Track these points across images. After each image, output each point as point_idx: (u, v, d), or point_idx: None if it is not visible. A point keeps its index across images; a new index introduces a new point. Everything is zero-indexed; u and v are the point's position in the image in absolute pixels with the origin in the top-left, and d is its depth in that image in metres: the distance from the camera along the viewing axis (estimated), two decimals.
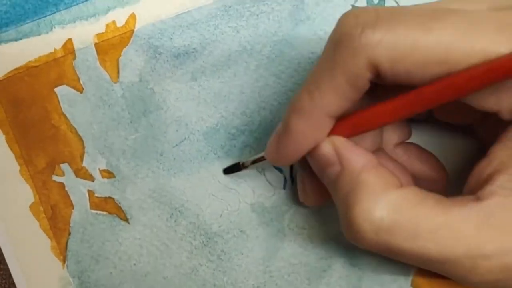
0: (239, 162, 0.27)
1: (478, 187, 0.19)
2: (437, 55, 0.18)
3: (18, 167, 0.29)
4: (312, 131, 0.21)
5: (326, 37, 0.27)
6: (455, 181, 0.25)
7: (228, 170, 0.28)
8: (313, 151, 0.22)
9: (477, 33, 0.18)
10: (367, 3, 0.28)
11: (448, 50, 0.18)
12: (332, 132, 0.21)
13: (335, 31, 0.20)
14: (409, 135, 0.25)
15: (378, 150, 0.24)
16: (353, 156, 0.21)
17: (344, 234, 0.21)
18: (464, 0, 0.20)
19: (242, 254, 0.28)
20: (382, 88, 0.20)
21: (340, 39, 0.19)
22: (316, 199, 0.25)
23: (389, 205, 0.19)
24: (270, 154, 0.23)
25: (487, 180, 0.19)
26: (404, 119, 0.22)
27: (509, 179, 0.19)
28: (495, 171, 0.19)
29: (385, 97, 0.20)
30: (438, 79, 0.18)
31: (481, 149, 0.22)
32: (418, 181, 0.24)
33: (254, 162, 0.26)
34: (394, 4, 0.28)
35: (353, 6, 0.28)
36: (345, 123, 0.21)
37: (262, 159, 0.25)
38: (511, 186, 0.18)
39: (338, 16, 0.27)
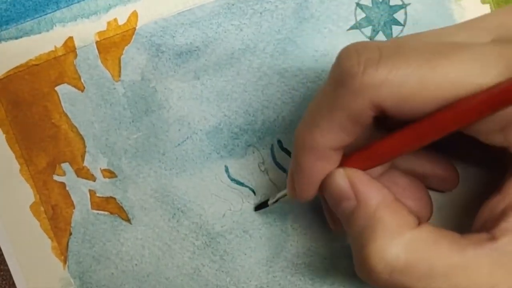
0: (267, 200, 0.27)
1: (491, 223, 0.19)
2: (444, 94, 0.17)
3: (18, 167, 0.29)
4: (320, 165, 0.21)
5: (330, 35, 0.28)
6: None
7: (258, 208, 0.28)
8: (327, 184, 0.21)
9: (485, 70, 0.17)
10: (372, 2, 0.27)
11: (456, 88, 0.17)
12: (346, 164, 0.21)
13: (335, 67, 0.19)
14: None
15: (390, 168, 0.24)
16: (369, 192, 0.20)
17: (357, 271, 0.20)
18: (467, 32, 0.19)
19: (245, 254, 0.28)
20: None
21: (341, 78, 0.19)
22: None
23: (404, 245, 0.19)
24: (290, 193, 0.23)
25: (501, 216, 0.19)
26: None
27: None
28: (508, 207, 0.19)
29: (394, 123, 0.20)
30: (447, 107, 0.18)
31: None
32: (431, 181, 0.24)
33: (280, 198, 0.26)
34: (400, 3, 0.27)
35: (357, 4, 0.27)
36: (360, 156, 0.21)
37: (286, 196, 0.25)
38: None
39: (342, 14, 0.28)
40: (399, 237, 0.19)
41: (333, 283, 0.28)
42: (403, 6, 0.27)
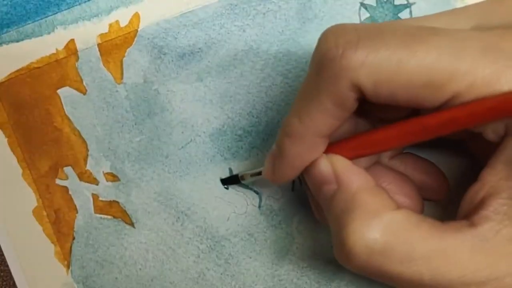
0: (237, 174, 0.27)
1: (471, 211, 0.19)
2: (421, 78, 0.18)
3: (20, 171, 0.29)
4: (306, 152, 0.21)
5: None
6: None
7: (225, 181, 0.28)
8: (310, 169, 0.21)
9: (461, 55, 0.17)
10: (376, 2, 0.27)
11: (432, 73, 0.17)
12: (330, 151, 0.21)
13: (316, 52, 0.19)
14: (403, 146, 0.25)
15: (375, 164, 0.24)
16: (350, 176, 0.20)
17: (336, 256, 0.20)
18: (449, 18, 0.19)
19: (250, 257, 0.28)
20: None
21: (321, 62, 0.19)
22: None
23: (383, 226, 0.18)
24: (267, 174, 0.23)
25: (480, 204, 0.19)
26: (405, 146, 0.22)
27: (501, 203, 0.18)
28: (487, 195, 0.19)
29: (380, 111, 0.20)
30: (424, 102, 0.18)
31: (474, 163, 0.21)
32: (420, 191, 0.23)
33: (252, 175, 0.26)
34: (405, 2, 0.27)
35: (361, 3, 0.27)
36: (346, 145, 0.21)
37: (260, 173, 0.25)
38: (504, 211, 0.18)
39: (346, 14, 0.27)
40: (378, 218, 0.19)
41: (339, 285, 0.27)
42: (408, 5, 0.27)
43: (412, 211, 0.19)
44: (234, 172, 0.28)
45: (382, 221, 0.19)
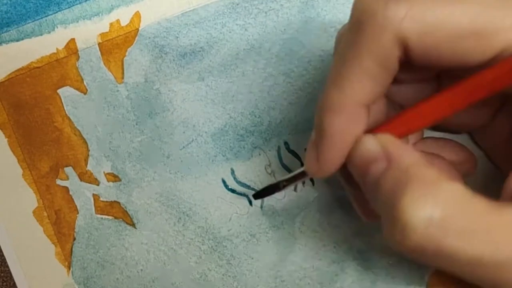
0: (277, 183, 0.24)
1: None
2: (468, 27, 0.17)
3: (21, 171, 0.28)
4: (349, 126, 0.19)
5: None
6: None
7: (259, 195, 0.25)
8: (355, 149, 0.20)
9: (510, 5, 0.17)
10: None
11: (480, 22, 0.17)
12: (377, 131, 0.20)
13: (355, 9, 0.19)
14: (422, 133, 0.24)
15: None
16: (401, 152, 0.19)
17: (386, 236, 0.18)
18: None
19: (252, 258, 0.27)
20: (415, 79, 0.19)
21: (362, 17, 0.18)
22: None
23: (442, 197, 0.17)
24: (310, 166, 0.21)
25: None
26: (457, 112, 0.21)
27: None
28: None
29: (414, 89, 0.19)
30: (471, 56, 0.17)
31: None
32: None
33: (292, 179, 0.23)
34: None
35: None
36: (392, 123, 0.20)
37: (303, 175, 0.23)
38: None
39: (348, 12, 0.27)
40: (436, 188, 0.17)
41: (341, 286, 0.27)
42: None
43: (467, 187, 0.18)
44: (236, 172, 0.28)
45: (441, 192, 0.17)
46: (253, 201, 0.28)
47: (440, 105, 0.19)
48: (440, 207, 0.17)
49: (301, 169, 0.23)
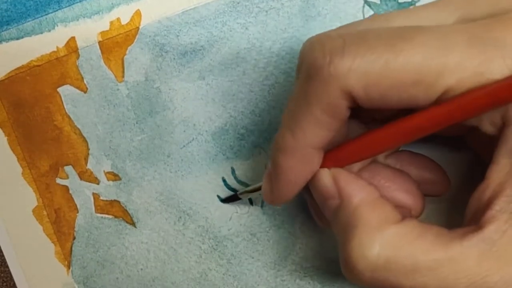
0: (236, 193, 0.26)
1: (479, 213, 0.19)
2: (410, 77, 0.17)
3: (20, 170, 0.28)
4: (302, 166, 0.20)
5: None
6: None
7: (226, 200, 0.27)
8: (313, 182, 0.21)
9: (448, 49, 0.17)
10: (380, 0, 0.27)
11: (421, 71, 0.17)
12: (328, 161, 0.21)
13: (302, 62, 0.19)
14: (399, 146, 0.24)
15: (372, 162, 0.23)
16: (351, 190, 0.20)
17: (343, 271, 0.20)
18: (432, 12, 0.19)
19: (253, 258, 0.27)
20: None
21: (309, 71, 0.19)
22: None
23: (385, 242, 0.18)
24: (266, 196, 0.23)
25: (487, 205, 0.18)
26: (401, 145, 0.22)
27: (507, 200, 0.18)
28: (494, 194, 0.18)
29: (372, 112, 0.20)
30: (416, 100, 0.18)
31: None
32: (422, 187, 0.23)
33: (251, 191, 0.26)
34: (409, 0, 0.27)
35: (365, 1, 0.27)
36: (339, 153, 0.21)
37: (259, 189, 0.24)
38: (510, 209, 0.18)
39: (350, 11, 0.27)
40: (379, 233, 0.18)
41: (342, 286, 0.27)
42: (412, 3, 0.27)
43: (417, 221, 0.19)
44: (236, 171, 0.28)
45: (384, 236, 0.18)
46: (254, 200, 0.27)
47: (382, 140, 0.20)
48: (383, 250, 0.18)
49: (259, 184, 0.24)
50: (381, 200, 0.20)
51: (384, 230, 0.19)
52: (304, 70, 0.19)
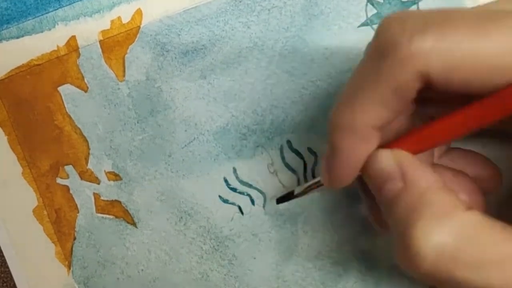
0: (293, 191, 0.25)
1: None
2: (497, 62, 0.16)
3: (20, 169, 0.28)
4: (360, 146, 0.19)
5: (341, 32, 0.27)
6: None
7: (280, 200, 0.26)
8: (371, 164, 0.20)
9: None
10: None
11: (507, 58, 0.16)
12: (393, 146, 0.20)
13: (378, 38, 0.18)
14: (450, 143, 0.24)
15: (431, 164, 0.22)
16: (418, 173, 0.19)
17: (397, 259, 0.18)
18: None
19: (254, 258, 0.27)
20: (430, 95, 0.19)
21: (385, 48, 0.17)
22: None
23: (455, 228, 0.17)
24: (324, 179, 0.21)
25: None
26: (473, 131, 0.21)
27: None
28: None
29: (436, 105, 0.19)
30: (497, 87, 0.17)
31: None
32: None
33: (308, 188, 0.24)
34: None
35: (368, 0, 0.27)
36: (408, 139, 0.20)
37: (318, 184, 0.23)
38: None
39: (352, 10, 0.27)
40: (450, 219, 0.17)
41: (344, 287, 0.27)
42: (415, 1, 0.27)
43: (482, 213, 0.18)
44: (238, 171, 0.27)
45: (454, 223, 0.17)
46: (255, 200, 0.27)
47: (457, 124, 0.19)
48: (452, 238, 0.17)
49: (316, 179, 0.24)
50: (448, 188, 0.19)
51: (455, 216, 0.17)
52: (376, 46, 0.18)
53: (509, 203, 0.21)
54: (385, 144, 0.20)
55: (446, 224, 0.17)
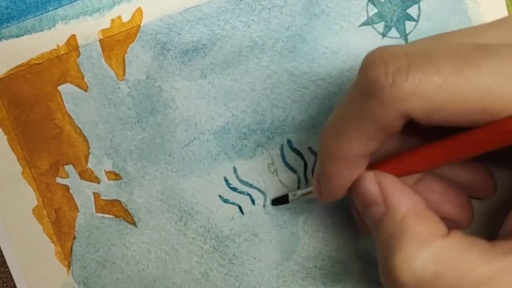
0: (287, 195, 0.26)
1: None
2: (476, 104, 0.17)
3: (20, 169, 0.28)
4: (348, 172, 0.20)
5: (341, 31, 0.27)
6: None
7: (276, 202, 0.27)
8: (356, 187, 0.21)
9: None
10: None
11: (488, 100, 0.17)
12: (378, 169, 0.21)
13: (362, 78, 0.19)
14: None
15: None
16: (398, 198, 0.20)
17: (382, 281, 0.20)
18: (496, 31, 0.19)
19: (255, 258, 0.27)
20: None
21: (369, 89, 0.18)
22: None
23: (432, 255, 0.18)
24: (316, 194, 0.23)
25: None
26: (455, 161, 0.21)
27: None
28: None
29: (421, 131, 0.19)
30: (477, 123, 0.17)
31: None
32: (468, 189, 0.23)
33: (303, 195, 0.25)
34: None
35: (369, 0, 0.27)
36: (392, 164, 0.20)
37: (311, 192, 0.24)
38: None
39: (353, 9, 0.27)
40: (427, 246, 0.18)
41: (345, 287, 0.27)
42: (416, 1, 0.27)
43: (462, 234, 0.19)
44: (238, 171, 0.27)
45: (431, 250, 0.18)
46: (256, 200, 0.27)
47: (437, 155, 0.19)
48: (430, 266, 0.18)
49: (309, 188, 0.25)
50: (428, 211, 0.20)
51: (432, 243, 0.18)
52: (362, 85, 0.18)
53: (502, 210, 0.21)
54: (373, 165, 0.21)
55: (424, 252, 0.18)
